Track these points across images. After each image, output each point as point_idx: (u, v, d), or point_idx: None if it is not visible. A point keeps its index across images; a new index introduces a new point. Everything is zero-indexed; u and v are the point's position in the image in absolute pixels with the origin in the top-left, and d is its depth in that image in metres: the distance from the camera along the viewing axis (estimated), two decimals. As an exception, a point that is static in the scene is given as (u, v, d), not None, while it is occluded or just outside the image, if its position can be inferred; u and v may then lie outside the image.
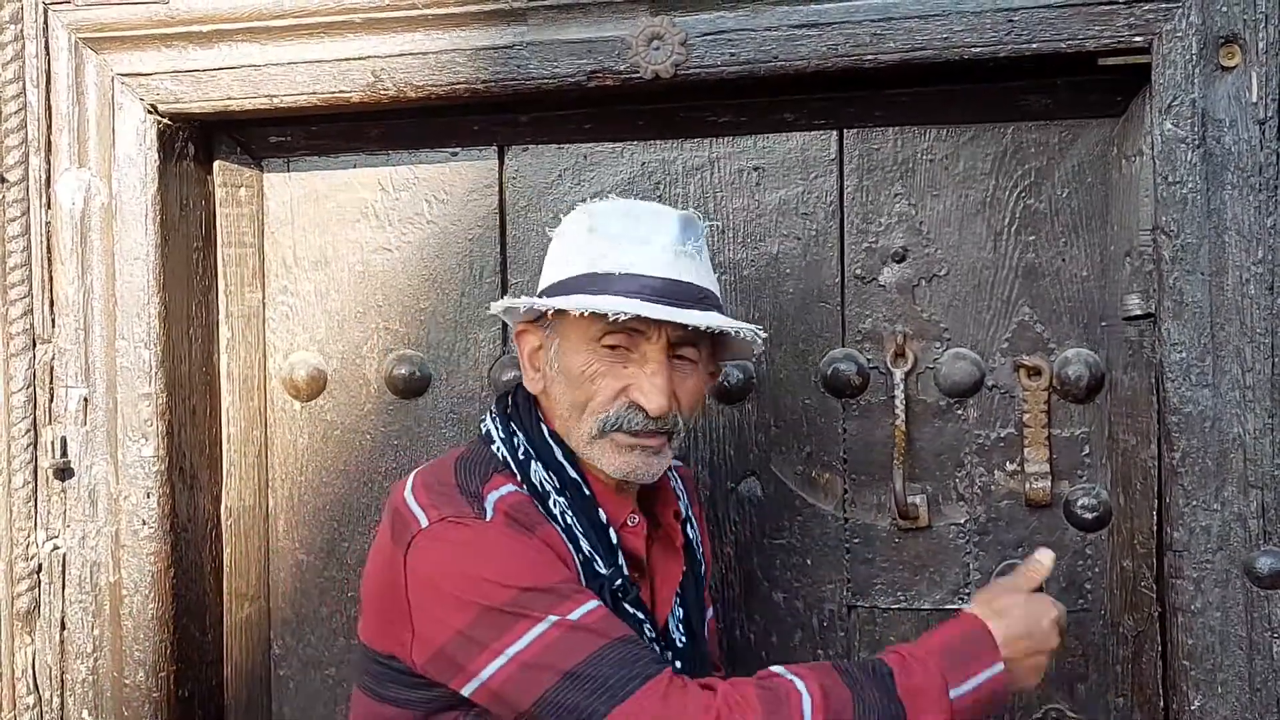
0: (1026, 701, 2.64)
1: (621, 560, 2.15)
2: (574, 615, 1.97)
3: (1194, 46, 2.28)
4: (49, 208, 2.69)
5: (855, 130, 2.68)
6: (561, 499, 2.15)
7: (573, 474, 2.16)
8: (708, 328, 2.07)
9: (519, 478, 2.15)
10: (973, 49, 2.36)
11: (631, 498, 2.23)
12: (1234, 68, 2.28)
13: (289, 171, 2.90)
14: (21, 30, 2.67)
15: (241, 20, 2.58)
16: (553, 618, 1.97)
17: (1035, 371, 2.59)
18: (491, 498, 2.12)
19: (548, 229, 2.29)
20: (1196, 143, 2.28)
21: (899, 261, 2.66)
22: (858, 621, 2.70)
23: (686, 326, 2.07)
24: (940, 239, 2.65)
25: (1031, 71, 2.44)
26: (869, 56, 2.39)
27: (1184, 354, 2.30)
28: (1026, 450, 2.60)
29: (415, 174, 2.84)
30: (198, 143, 2.79)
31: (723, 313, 2.16)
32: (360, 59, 2.56)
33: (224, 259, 2.86)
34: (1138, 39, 2.31)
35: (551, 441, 2.19)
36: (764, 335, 2.17)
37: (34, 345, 2.69)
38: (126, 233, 2.66)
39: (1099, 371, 2.58)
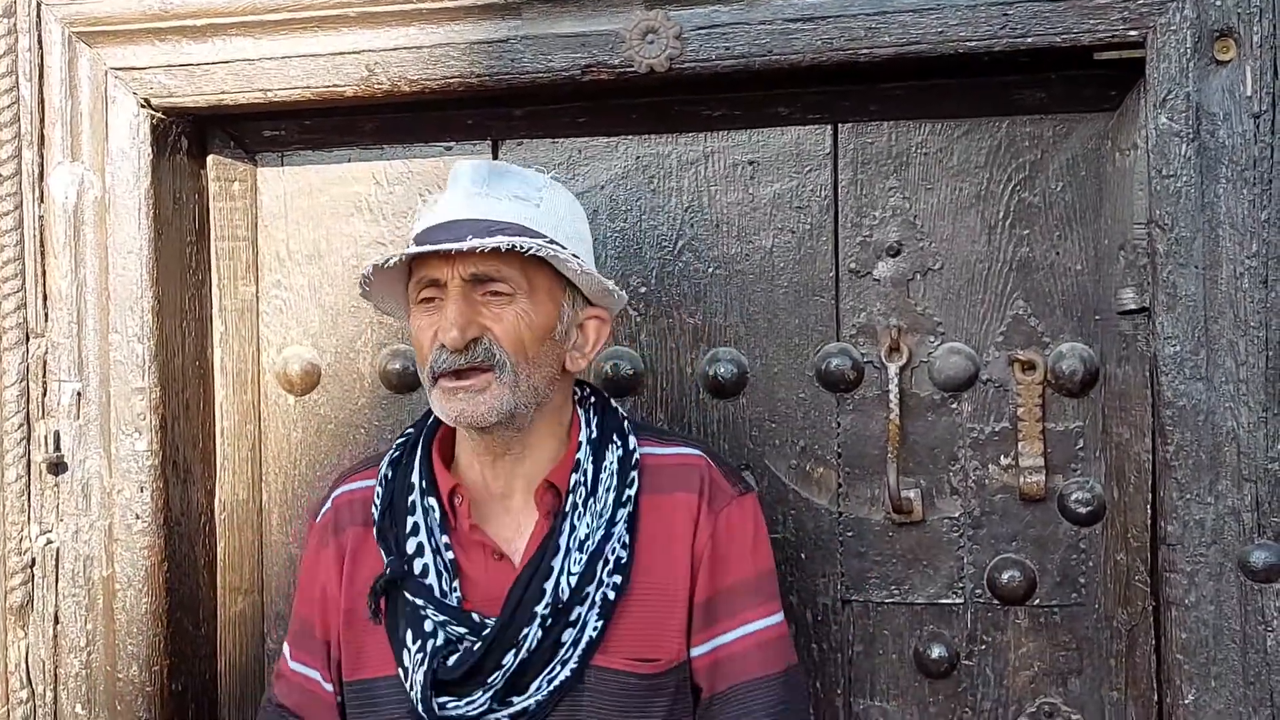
0: (1019, 696, 2.64)
1: (427, 544, 2.23)
2: (288, 661, 2.40)
3: (1188, 40, 2.28)
4: (42, 201, 2.69)
5: (850, 124, 2.68)
6: (379, 488, 2.31)
7: (418, 454, 2.32)
8: (470, 248, 2.10)
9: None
10: (967, 43, 2.36)
11: (458, 474, 2.31)
12: (1228, 62, 2.28)
13: (282, 165, 2.90)
14: (14, 24, 2.66)
15: (235, 14, 2.57)
16: (286, 649, 2.42)
17: (1029, 365, 2.59)
18: (336, 494, 2.39)
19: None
20: (1191, 136, 2.28)
21: (893, 255, 2.66)
22: (852, 615, 2.70)
23: (453, 254, 2.13)
24: (934, 233, 2.65)
25: (1026, 66, 2.44)
26: (864, 50, 2.40)
27: (1178, 347, 2.30)
28: (1020, 444, 2.60)
29: (409, 168, 2.84)
30: (191, 137, 2.79)
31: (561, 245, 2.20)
32: (354, 53, 2.56)
33: (217, 253, 2.86)
34: (1132, 33, 2.31)
35: (424, 422, 2.37)
36: (560, 254, 2.18)
37: (27, 339, 2.69)
38: (120, 226, 2.66)
39: (1093, 365, 2.58)
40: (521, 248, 2.11)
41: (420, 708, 2.17)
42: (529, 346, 2.18)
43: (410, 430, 2.40)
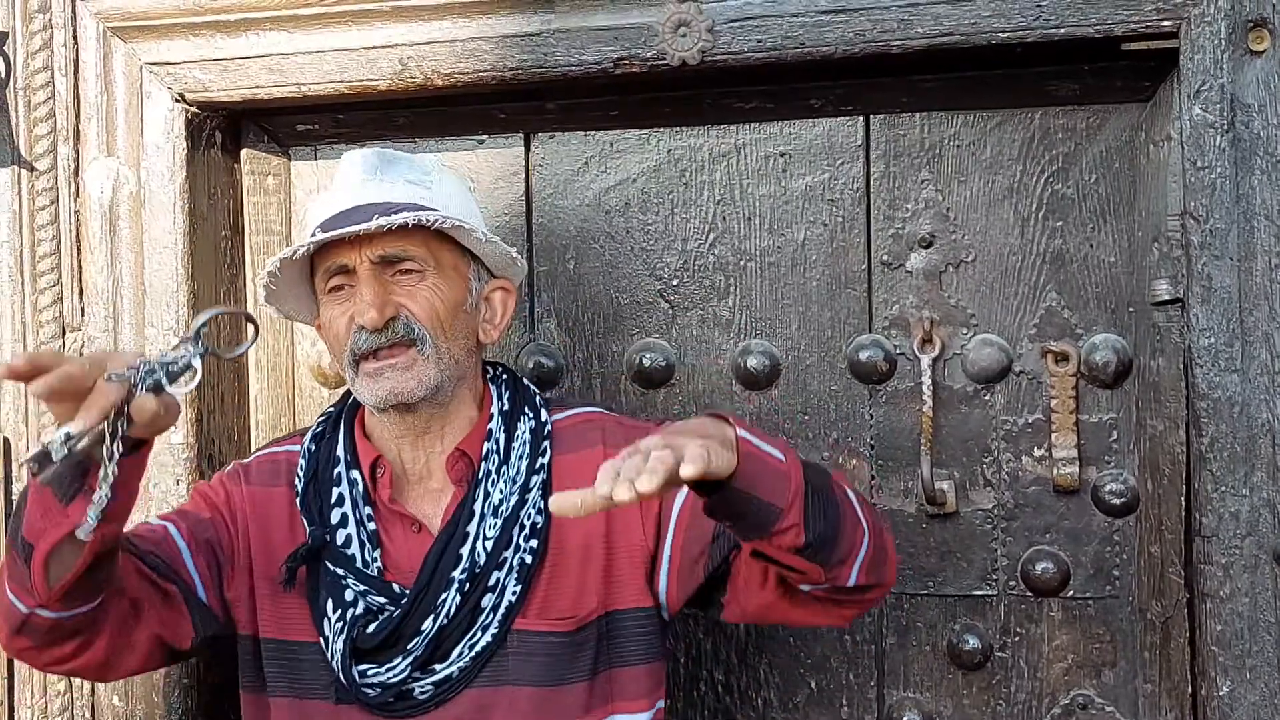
0: (1053, 688, 2.64)
1: (351, 515, 2.26)
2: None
3: (1222, 31, 2.27)
4: (77, 196, 2.71)
5: (882, 116, 2.67)
6: (303, 460, 2.34)
7: (341, 429, 2.35)
8: (375, 228, 2.15)
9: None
10: (1000, 34, 2.35)
11: (377, 446, 2.32)
12: (1263, 52, 2.27)
13: (316, 160, 2.91)
14: (50, 19, 2.68)
15: (269, 9, 2.58)
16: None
17: (1063, 357, 2.59)
18: (261, 453, 2.44)
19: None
20: (1225, 128, 2.28)
21: (926, 247, 2.65)
22: (885, 607, 2.70)
23: (359, 237, 2.17)
24: (967, 225, 2.64)
25: (1059, 57, 2.44)
26: (896, 42, 2.39)
27: (1212, 339, 2.30)
28: (1054, 436, 2.60)
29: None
30: (225, 131, 2.80)
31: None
32: (388, 47, 2.57)
33: (252, 247, 2.87)
34: (1166, 24, 2.30)
35: (344, 402, 2.41)
36: (464, 224, 2.23)
37: (64, 333, 2.71)
38: (155, 221, 2.68)
39: (1126, 357, 2.57)
40: (426, 221, 2.17)
41: (341, 676, 2.19)
42: (444, 320, 2.23)
43: (331, 409, 2.44)
